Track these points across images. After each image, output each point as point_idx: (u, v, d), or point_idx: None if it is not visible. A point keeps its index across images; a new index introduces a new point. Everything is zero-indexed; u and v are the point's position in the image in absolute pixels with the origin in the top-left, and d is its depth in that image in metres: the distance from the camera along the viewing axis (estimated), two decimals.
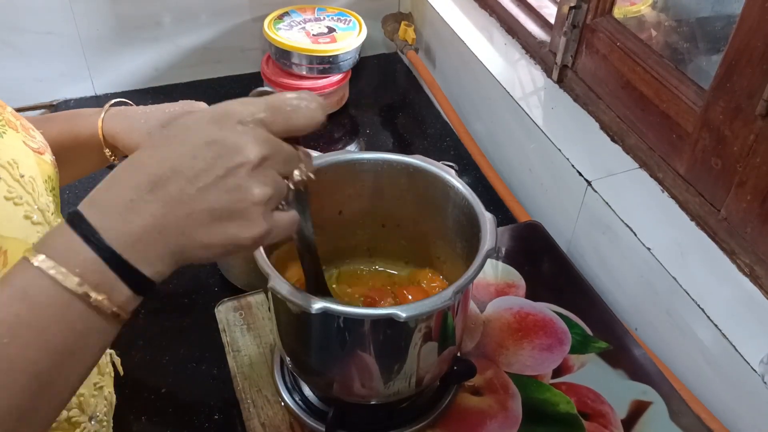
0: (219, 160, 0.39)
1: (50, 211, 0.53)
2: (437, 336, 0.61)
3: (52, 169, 0.57)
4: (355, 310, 0.57)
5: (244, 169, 0.40)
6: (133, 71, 1.23)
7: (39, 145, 0.56)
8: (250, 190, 0.40)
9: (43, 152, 0.56)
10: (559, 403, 0.71)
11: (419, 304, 0.55)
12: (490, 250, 0.59)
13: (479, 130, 1.13)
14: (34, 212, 0.50)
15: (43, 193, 0.53)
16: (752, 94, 0.68)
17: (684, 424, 0.69)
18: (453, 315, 0.62)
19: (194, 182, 0.39)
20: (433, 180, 0.68)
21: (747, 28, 0.67)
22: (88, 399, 0.56)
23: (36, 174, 0.52)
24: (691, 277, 0.74)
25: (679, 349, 0.76)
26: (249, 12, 1.24)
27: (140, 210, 0.39)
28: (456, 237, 0.68)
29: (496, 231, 0.62)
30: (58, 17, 1.12)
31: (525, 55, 1.08)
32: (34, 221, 0.50)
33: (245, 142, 0.40)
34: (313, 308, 0.53)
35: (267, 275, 0.55)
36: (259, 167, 0.40)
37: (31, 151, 0.54)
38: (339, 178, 0.69)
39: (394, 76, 1.34)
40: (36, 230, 0.49)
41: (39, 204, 0.51)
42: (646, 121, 0.85)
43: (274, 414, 0.69)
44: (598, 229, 0.86)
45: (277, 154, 0.41)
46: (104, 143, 0.66)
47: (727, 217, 0.75)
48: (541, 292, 0.82)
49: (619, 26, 0.90)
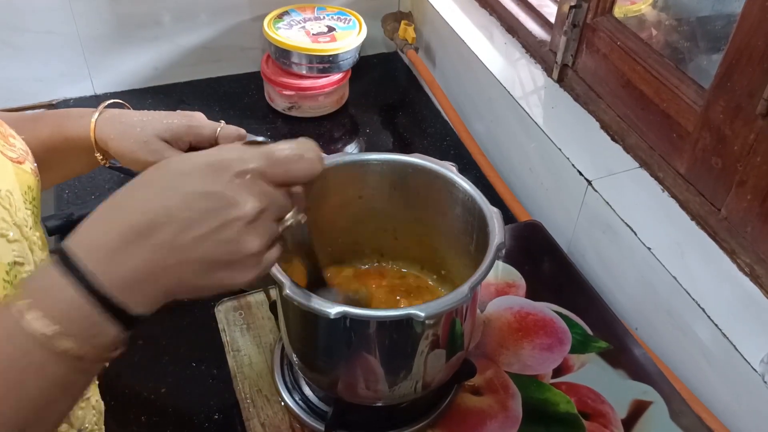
0: (215, 212, 0.39)
1: (28, 226, 0.51)
2: (446, 339, 0.61)
3: (32, 178, 0.54)
4: (373, 313, 0.57)
5: (240, 223, 0.39)
6: (133, 71, 1.23)
7: (19, 153, 0.54)
8: (245, 244, 0.40)
9: (23, 161, 0.54)
10: (559, 402, 0.71)
11: (437, 303, 0.55)
12: (500, 243, 0.59)
13: (479, 129, 1.13)
14: (10, 229, 0.48)
15: (20, 207, 0.51)
16: (753, 93, 0.68)
17: (684, 423, 0.69)
18: (462, 319, 0.62)
19: (189, 231, 0.39)
20: (435, 178, 0.67)
21: (747, 27, 0.67)
22: (76, 412, 0.56)
23: (14, 187, 0.51)
24: (691, 277, 0.74)
25: (679, 348, 0.76)
26: (249, 11, 1.23)
27: (131, 253, 0.38)
28: (462, 234, 0.68)
29: (503, 225, 0.62)
30: (58, 16, 1.12)
31: (525, 54, 1.08)
32: (10, 239, 0.48)
33: (242, 196, 0.40)
34: (332, 314, 0.52)
35: (281, 284, 0.55)
36: (256, 221, 0.40)
37: (9, 162, 0.51)
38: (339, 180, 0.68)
39: (394, 76, 1.34)
40: (12, 248, 0.48)
41: (16, 219, 0.49)
42: (647, 121, 0.85)
43: (274, 414, 0.69)
44: (598, 228, 0.85)
45: (273, 204, 0.41)
46: (96, 147, 0.64)
47: (727, 217, 0.75)
48: (541, 292, 0.82)
49: (620, 25, 0.90)
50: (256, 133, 1.09)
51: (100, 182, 1.04)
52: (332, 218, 0.70)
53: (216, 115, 0.44)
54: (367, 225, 0.73)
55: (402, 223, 0.73)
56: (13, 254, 0.48)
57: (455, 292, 0.55)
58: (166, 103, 1.21)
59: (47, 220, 0.89)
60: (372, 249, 0.76)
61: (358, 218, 0.72)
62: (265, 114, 1.21)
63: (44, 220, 0.86)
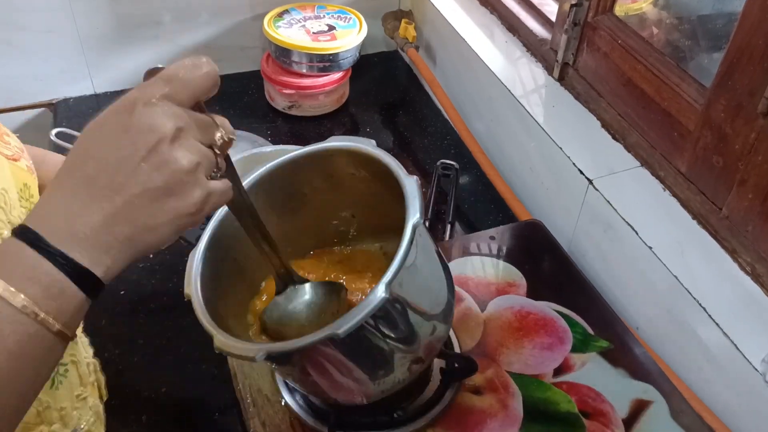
0: (138, 143, 0.40)
1: None
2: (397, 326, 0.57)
3: (28, 175, 0.55)
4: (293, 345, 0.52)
5: (164, 144, 0.40)
6: (133, 70, 1.23)
7: (14, 151, 0.55)
8: (176, 162, 0.41)
9: (18, 158, 0.55)
10: (559, 402, 0.71)
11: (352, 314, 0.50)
12: (417, 222, 0.52)
13: (480, 128, 1.12)
14: (5, 227, 0.49)
15: (16, 205, 0.52)
16: (754, 92, 0.68)
17: (685, 423, 0.69)
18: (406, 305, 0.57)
19: (121, 170, 0.40)
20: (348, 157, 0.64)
21: (748, 25, 0.67)
22: (70, 412, 0.56)
23: (9, 185, 0.52)
24: (692, 276, 0.74)
25: (680, 347, 0.76)
26: (249, 10, 1.23)
27: (79, 210, 0.40)
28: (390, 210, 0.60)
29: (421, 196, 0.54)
30: (58, 16, 1.12)
31: (526, 53, 1.08)
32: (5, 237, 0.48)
33: (156, 119, 0.41)
34: (258, 357, 0.51)
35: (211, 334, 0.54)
36: (178, 139, 0.41)
37: (4, 160, 0.53)
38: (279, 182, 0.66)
39: (394, 74, 1.34)
40: None
41: (11, 217, 0.51)
42: (648, 119, 0.85)
43: (275, 413, 0.69)
44: (599, 227, 0.85)
45: (191, 122, 0.42)
46: None
47: (728, 216, 0.75)
48: (542, 291, 0.82)
49: (621, 24, 0.89)
50: (256, 133, 1.10)
51: None
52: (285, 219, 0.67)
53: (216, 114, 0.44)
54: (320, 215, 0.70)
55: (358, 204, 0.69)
56: None
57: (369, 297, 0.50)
58: None
59: None
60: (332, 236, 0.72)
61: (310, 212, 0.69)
62: (265, 113, 1.21)
63: None
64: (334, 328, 0.50)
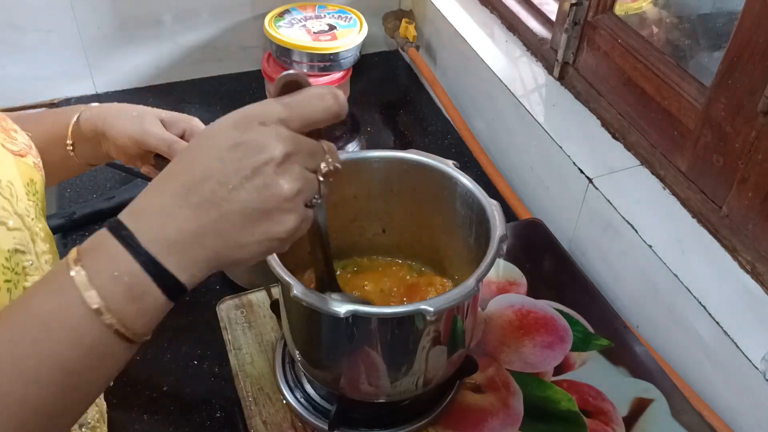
0: (245, 161, 0.40)
1: (30, 217, 0.52)
2: (448, 336, 0.61)
3: (35, 172, 0.56)
4: (380, 310, 0.57)
5: (270, 167, 0.40)
6: (134, 70, 1.23)
7: (20, 147, 0.55)
8: (279, 187, 0.41)
9: (25, 155, 0.55)
10: (560, 400, 0.71)
11: (445, 297, 0.54)
12: (502, 236, 0.60)
13: (480, 127, 1.13)
14: (10, 218, 0.49)
15: (22, 197, 0.52)
16: (754, 90, 0.68)
17: (686, 421, 0.69)
18: (463, 315, 0.62)
19: (224, 185, 0.40)
20: (432, 173, 0.67)
21: (748, 24, 0.67)
22: None
23: (15, 177, 0.52)
24: (692, 274, 0.74)
25: (680, 346, 0.76)
26: (250, 10, 1.23)
27: (175, 215, 0.40)
28: (460, 228, 0.68)
29: (503, 217, 0.62)
30: (59, 15, 1.12)
31: (526, 52, 1.08)
32: (10, 227, 0.49)
33: (267, 140, 0.41)
34: (341, 313, 0.53)
35: (288, 285, 0.55)
36: (285, 163, 0.41)
37: (9, 154, 0.53)
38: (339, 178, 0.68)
39: (395, 74, 1.34)
40: (12, 236, 0.49)
41: (17, 209, 0.51)
42: (648, 118, 0.85)
43: (276, 411, 0.70)
44: (599, 226, 0.85)
45: (300, 148, 0.42)
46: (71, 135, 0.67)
47: (728, 214, 0.75)
48: (542, 290, 0.82)
49: (621, 23, 0.89)
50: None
51: (102, 181, 1.04)
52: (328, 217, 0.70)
53: (217, 114, 0.45)
54: (362, 223, 0.73)
55: (398, 220, 0.73)
56: (13, 242, 0.49)
57: (462, 285, 0.55)
58: (167, 102, 1.21)
59: (49, 219, 0.89)
60: (368, 247, 0.76)
61: (352, 217, 0.72)
62: None
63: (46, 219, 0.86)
64: (427, 305, 0.53)
